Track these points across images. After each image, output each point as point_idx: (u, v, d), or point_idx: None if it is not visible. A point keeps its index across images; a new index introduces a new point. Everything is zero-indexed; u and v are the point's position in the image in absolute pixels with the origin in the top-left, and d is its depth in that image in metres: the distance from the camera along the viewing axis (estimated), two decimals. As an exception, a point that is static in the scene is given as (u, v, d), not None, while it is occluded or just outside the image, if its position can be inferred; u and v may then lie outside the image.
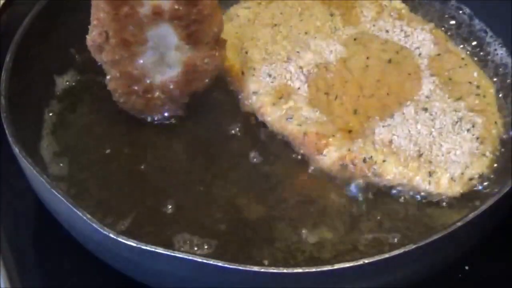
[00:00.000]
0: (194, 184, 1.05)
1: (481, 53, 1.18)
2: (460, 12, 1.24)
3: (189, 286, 0.90)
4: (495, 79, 1.14)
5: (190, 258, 0.83)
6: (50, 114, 1.13)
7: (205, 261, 0.82)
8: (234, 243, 0.97)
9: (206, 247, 0.97)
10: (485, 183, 1.01)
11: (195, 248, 0.96)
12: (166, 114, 1.10)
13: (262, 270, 0.82)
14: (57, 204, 0.92)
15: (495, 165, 1.03)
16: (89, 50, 1.03)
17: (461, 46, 1.19)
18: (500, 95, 1.11)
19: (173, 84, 1.05)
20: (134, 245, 0.85)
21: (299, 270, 0.82)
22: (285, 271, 0.82)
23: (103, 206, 1.02)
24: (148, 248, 0.84)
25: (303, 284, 0.84)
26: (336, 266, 0.82)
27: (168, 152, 1.09)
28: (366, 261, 0.82)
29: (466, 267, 1.01)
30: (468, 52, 1.18)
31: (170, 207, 1.02)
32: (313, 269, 0.82)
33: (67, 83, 1.17)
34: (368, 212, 1.00)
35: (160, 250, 0.84)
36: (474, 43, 1.20)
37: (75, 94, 1.17)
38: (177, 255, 0.83)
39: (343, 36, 1.18)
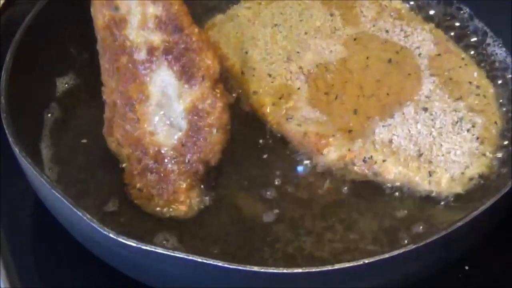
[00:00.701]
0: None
1: (481, 53, 1.18)
2: (460, 12, 1.24)
3: (189, 286, 0.90)
4: (495, 79, 1.14)
5: (190, 258, 0.83)
6: (49, 115, 1.13)
7: (205, 261, 0.82)
8: (234, 243, 0.97)
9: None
10: (485, 183, 1.01)
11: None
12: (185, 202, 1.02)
13: (262, 270, 0.82)
14: (57, 204, 0.92)
15: (495, 165, 1.03)
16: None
17: (461, 46, 1.19)
18: (500, 95, 1.11)
19: (182, 143, 1.01)
20: (134, 245, 0.84)
21: (299, 270, 0.82)
22: (285, 271, 0.82)
23: (103, 206, 1.02)
24: (148, 248, 0.84)
25: (303, 284, 0.84)
26: (336, 266, 0.82)
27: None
28: (366, 261, 0.82)
29: (466, 267, 1.01)
30: (468, 52, 1.18)
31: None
32: (313, 269, 0.82)
33: (67, 85, 1.17)
34: (367, 212, 1.00)
35: (160, 250, 0.84)
36: (474, 43, 1.20)
37: (75, 95, 1.16)
38: (177, 255, 0.83)
39: (343, 36, 1.18)
